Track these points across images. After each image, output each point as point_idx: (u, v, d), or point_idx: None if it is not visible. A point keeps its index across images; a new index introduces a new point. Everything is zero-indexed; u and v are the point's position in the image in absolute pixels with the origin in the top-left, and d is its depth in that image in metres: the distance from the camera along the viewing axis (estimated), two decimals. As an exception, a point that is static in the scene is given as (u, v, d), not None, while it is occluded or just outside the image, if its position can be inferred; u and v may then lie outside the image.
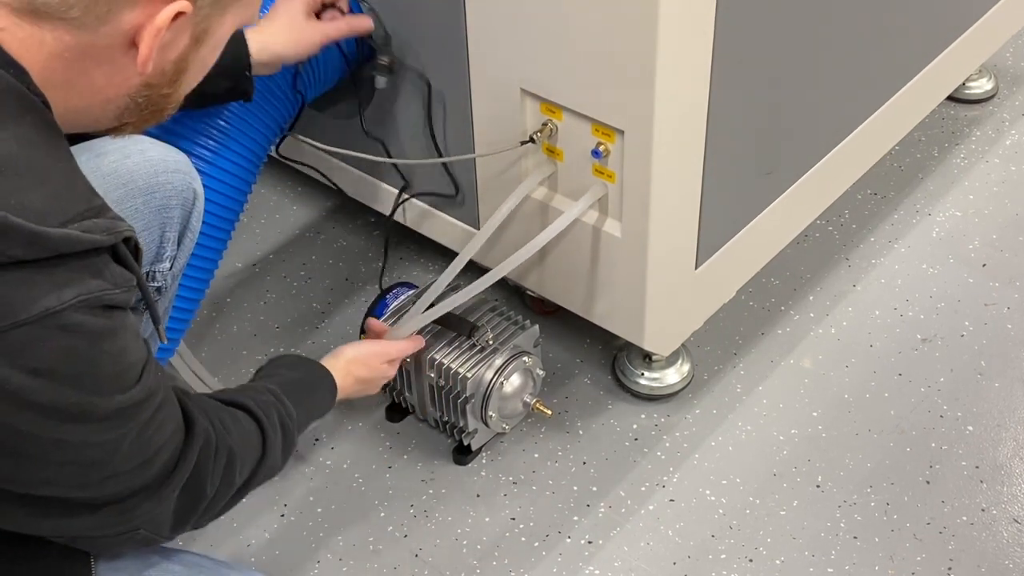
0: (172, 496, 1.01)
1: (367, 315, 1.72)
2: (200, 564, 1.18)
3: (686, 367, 1.78)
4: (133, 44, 0.92)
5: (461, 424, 1.64)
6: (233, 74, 1.41)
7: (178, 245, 1.33)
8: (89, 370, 0.87)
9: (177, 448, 1.00)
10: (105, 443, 0.91)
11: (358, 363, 1.46)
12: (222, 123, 1.53)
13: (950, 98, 2.30)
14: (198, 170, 1.40)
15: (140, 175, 1.25)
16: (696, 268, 1.63)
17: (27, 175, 0.85)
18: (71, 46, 0.90)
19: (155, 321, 1.01)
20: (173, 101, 1.02)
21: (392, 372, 1.52)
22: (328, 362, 1.43)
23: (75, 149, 1.03)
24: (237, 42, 1.40)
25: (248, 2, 1.00)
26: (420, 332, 1.64)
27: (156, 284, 1.33)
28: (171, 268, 1.33)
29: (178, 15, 0.92)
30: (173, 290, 1.40)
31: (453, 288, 1.60)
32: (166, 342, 1.49)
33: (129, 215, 1.22)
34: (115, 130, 1.02)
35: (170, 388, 1.00)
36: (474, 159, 1.63)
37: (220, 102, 1.47)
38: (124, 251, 0.90)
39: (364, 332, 1.65)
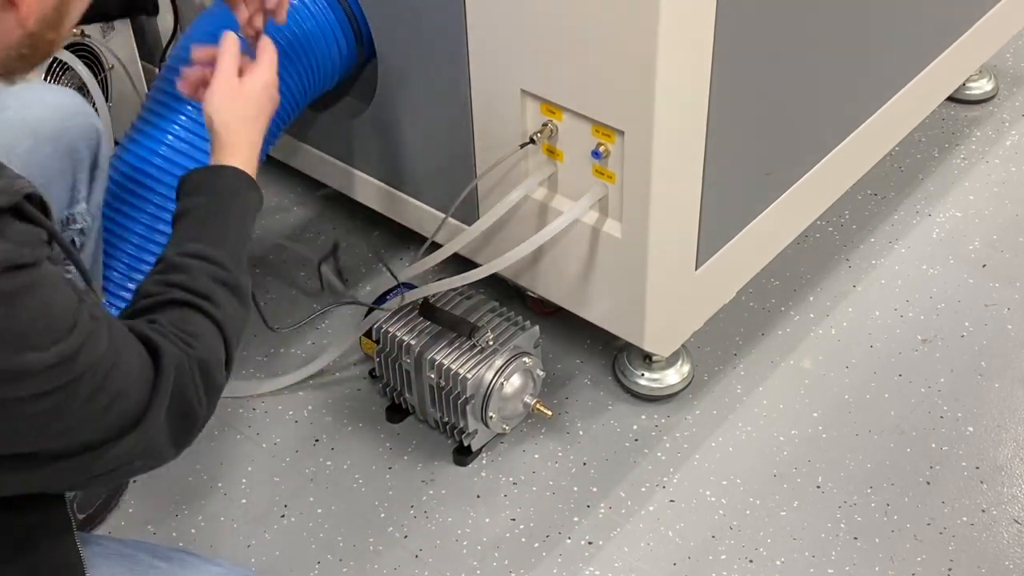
0: (156, 426, 0.99)
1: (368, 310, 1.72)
2: (194, 564, 1.18)
3: (686, 368, 1.78)
4: (11, 3, 0.92)
5: (461, 425, 1.64)
6: None
7: (91, 184, 1.37)
8: (14, 330, 0.86)
9: (148, 382, 0.98)
10: (56, 393, 0.89)
11: (229, 113, 1.28)
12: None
13: (950, 99, 2.30)
14: (196, 165, 1.41)
15: (47, 122, 1.27)
16: (696, 269, 1.63)
17: None
18: None
19: (82, 273, 1.00)
20: (59, 41, 1.01)
21: (270, 75, 1.32)
22: (214, 154, 1.27)
23: None
24: None
25: None
26: (420, 331, 1.64)
27: (78, 226, 1.35)
28: (88, 207, 1.36)
29: None
30: (97, 229, 1.42)
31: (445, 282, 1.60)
32: (102, 299, 1.46)
33: (41, 163, 1.25)
34: (3, 77, 1.00)
35: (120, 326, 0.98)
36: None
37: (120, 17, 1.44)
38: (28, 208, 0.88)
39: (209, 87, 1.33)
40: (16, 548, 1.03)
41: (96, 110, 1.86)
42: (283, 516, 1.63)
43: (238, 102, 1.28)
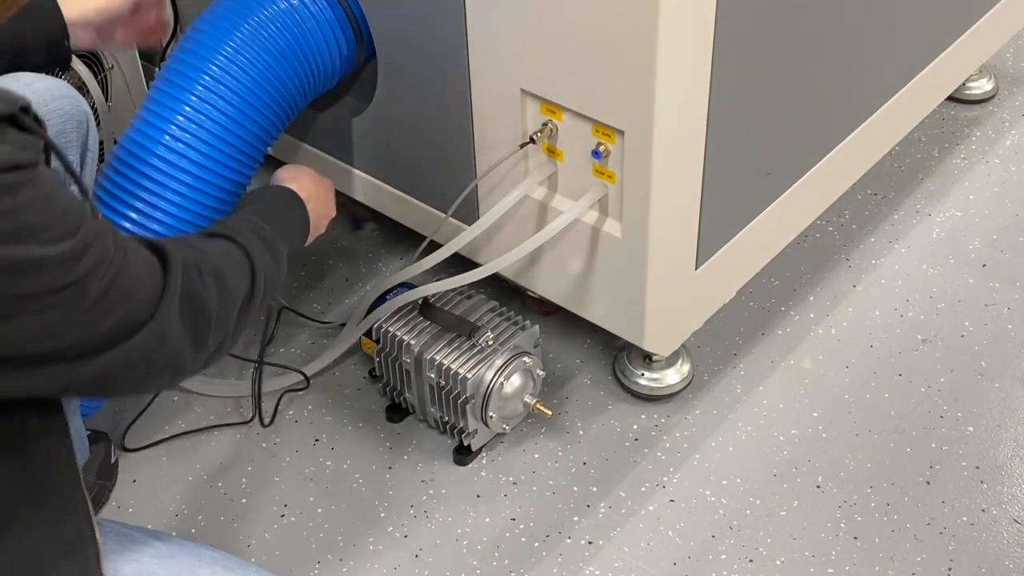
0: (170, 319, 1.03)
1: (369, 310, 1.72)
2: (191, 547, 1.18)
3: (686, 367, 1.78)
4: None
5: (461, 424, 1.64)
6: (50, 45, 1.42)
7: (81, 168, 1.40)
8: (21, 224, 0.89)
9: (158, 280, 1.03)
10: (68, 289, 0.93)
11: (294, 173, 1.52)
12: (222, 121, 1.53)
13: (950, 98, 2.30)
14: (194, 164, 1.46)
15: (35, 106, 1.28)
16: (696, 268, 1.63)
17: None
18: None
19: (81, 189, 1.03)
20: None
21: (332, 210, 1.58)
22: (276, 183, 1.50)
23: None
24: (51, 13, 1.42)
25: None
26: (420, 331, 1.64)
27: None
28: (77, 190, 1.37)
29: None
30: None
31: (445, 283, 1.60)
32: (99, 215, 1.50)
33: None
34: None
35: (127, 237, 1.02)
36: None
37: (41, 71, 1.47)
38: (23, 119, 0.92)
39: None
40: (21, 536, 1.04)
41: (96, 110, 1.87)
42: (283, 516, 1.63)
43: (320, 188, 1.53)
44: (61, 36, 1.42)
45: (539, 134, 1.51)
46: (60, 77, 1.54)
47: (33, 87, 1.33)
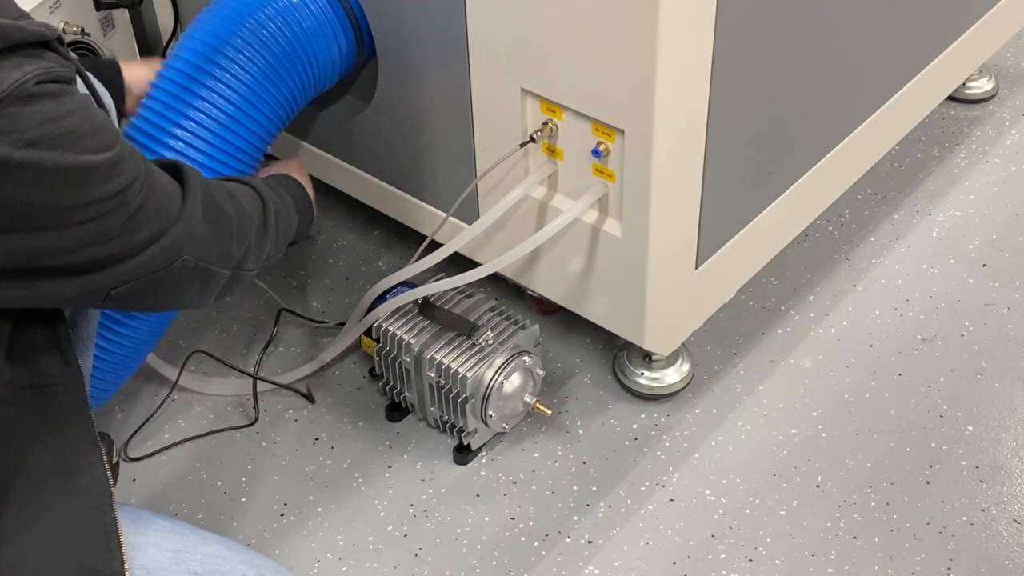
0: (194, 221, 1.14)
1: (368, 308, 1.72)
2: (196, 529, 1.20)
3: (686, 367, 1.78)
4: None
5: (461, 424, 1.64)
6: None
7: None
8: (68, 128, 0.97)
9: (178, 190, 1.14)
10: (113, 199, 1.02)
11: (282, 164, 1.63)
12: (222, 120, 1.53)
13: (950, 98, 2.30)
14: (194, 163, 1.46)
15: None
16: (696, 268, 1.63)
17: None
18: None
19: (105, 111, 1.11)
20: None
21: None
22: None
23: None
24: (115, 74, 1.57)
25: None
26: (420, 330, 1.64)
27: None
28: None
29: None
30: None
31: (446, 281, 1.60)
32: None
33: None
34: None
35: (147, 159, 1.11)
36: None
37: None
38: (58, 46, 1.01)
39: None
40: (48, 524, 1.07)
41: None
42: (283, 515, 1.63)
43: (305, 175, 1.60)
44: (120, 100, 1.55)
45: (539, 133, 1.51)
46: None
47: None
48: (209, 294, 1.23)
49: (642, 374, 1.77)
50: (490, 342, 1.62)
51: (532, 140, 1.51)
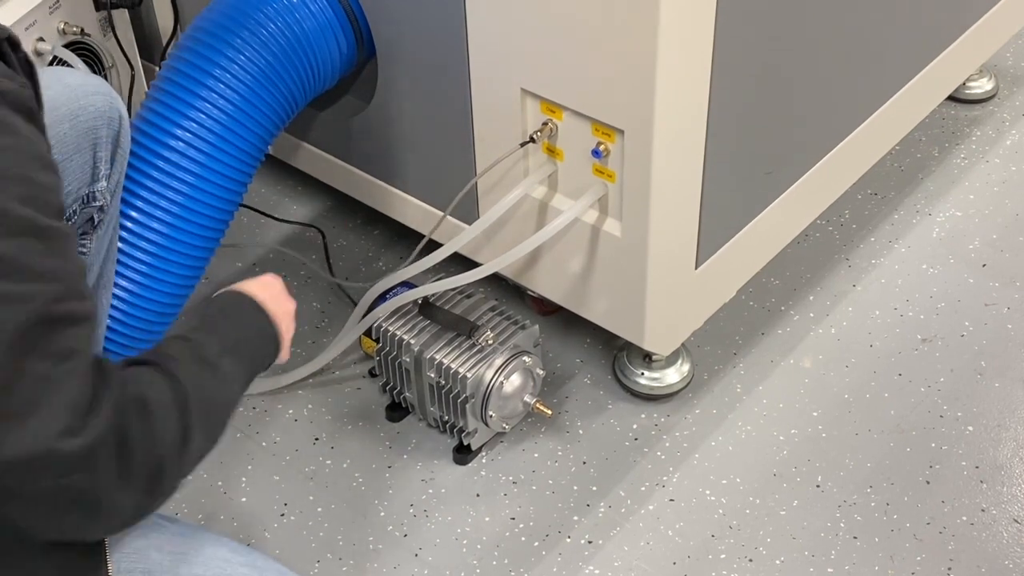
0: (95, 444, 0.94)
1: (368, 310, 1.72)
2: (198, 528, 1.19)
3: (686, 367, 1.78)
4: None
5: (461, 424, 1.64)
6: None
7: (112, 164, 1.40)
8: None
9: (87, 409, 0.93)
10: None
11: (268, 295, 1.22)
12: (222, 119, 1.53)
13: (950, 98, 2.30)
14: (195, 163, 1.46)
15: (62, 101, 1.31)
16: (696, 268, 1.63)
17: None
18: None
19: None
20: None
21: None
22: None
23: None
24: None
25: None
26: (420, 330, 1.64)
27: (98, 203, 1.39)
28: (108, 184, 1.40)
29: None
30: (115, 207, 1.45)
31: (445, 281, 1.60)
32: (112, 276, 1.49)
33: (58, 140, 1.28)
34: None
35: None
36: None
37: None
38: (9, 51, 0.91)
39: None
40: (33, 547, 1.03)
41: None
42: (283, 515, 1.63)
43: (281, 297, 1.22)
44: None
45: (539, 133, 1.51)
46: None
47: (65, 81, 1.33)
48: (101, 524, 1.04)
49: (642, 374, 1.77)
50: (490, 342, 1.62)
51: (532, 140, 1.51)
